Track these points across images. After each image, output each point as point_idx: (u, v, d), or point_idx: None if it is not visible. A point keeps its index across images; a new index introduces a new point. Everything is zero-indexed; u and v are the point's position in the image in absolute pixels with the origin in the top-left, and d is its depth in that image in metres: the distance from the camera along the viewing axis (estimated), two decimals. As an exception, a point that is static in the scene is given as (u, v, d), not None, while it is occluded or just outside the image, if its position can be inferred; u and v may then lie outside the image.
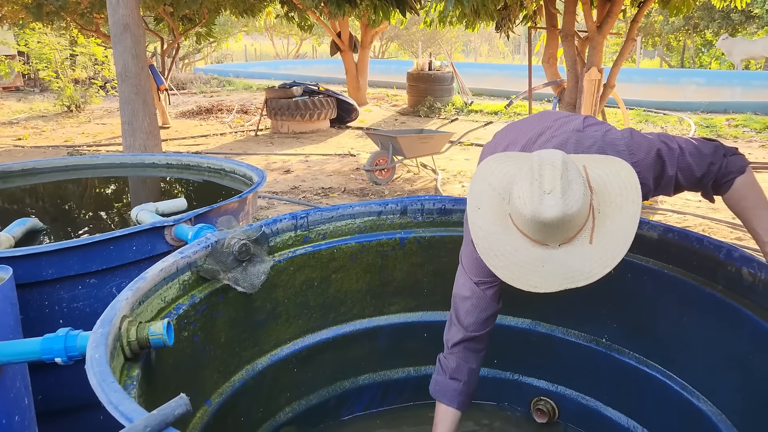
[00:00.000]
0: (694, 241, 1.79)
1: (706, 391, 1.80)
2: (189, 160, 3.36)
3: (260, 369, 1.92)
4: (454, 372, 1.72)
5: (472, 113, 11.14)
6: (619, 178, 1.39)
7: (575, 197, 1.29)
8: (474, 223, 1.42)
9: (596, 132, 1.60)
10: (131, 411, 1.02)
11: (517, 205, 1.33)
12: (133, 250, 2.04)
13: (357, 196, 5.92)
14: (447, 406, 1.72)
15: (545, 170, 1.31)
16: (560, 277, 1.34)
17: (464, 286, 1.72)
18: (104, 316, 1.33)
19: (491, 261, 1.39)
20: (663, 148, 1.56)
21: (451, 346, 1.74)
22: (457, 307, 1.74)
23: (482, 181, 1.46)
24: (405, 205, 2.12)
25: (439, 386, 1.75)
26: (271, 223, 1.92)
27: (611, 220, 1.34)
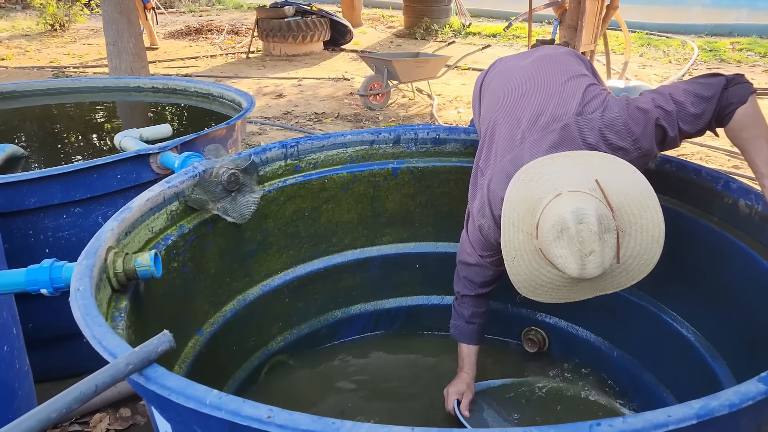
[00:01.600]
0: (692, 172, 1.75)
1: (695, 322, 1.81)
2: (176, 84, 3.26)
3: (251, 299, 1.91)
4: (469, 318, 1.87)
5: (469, 36, 10.80)
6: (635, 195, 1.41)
7: (610, 245, 1.36)
8: (513, 272, 1.48)
9: (595, 113, 1.56)
10: (115, 346, 1.00)
11: (559, 264, 1.38)
12: (118, 179, 2.00)
13: (351, 121, 5.81)
14: (468, 344, 1.89)
15: (583, 233, 1.33)
16: (591, 290, 1.47)
17: (470, 255, 1.79)
18: (89, 247, 1.29)
19: (532, 295, 1.50)
20: (661, 115, 1.53)
21: (462, 296, 1.87)
22: (462, 269, 1.83)
23: (509, 225, 1.47)
24: (398, 134, 2.06)
25: (459, 330, 1.90)
26: (261, 152, 1.86)
27: (636, 241, 1.40)
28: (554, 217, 1.36)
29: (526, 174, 1.48)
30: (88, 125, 3.10)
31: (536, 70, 1.76)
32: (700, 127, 1.56)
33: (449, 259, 2.19)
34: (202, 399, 0.87)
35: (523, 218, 1.44)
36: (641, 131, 1.53)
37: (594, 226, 1.33)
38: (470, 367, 1.89)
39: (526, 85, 1.71)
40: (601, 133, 1.54)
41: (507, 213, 1.47)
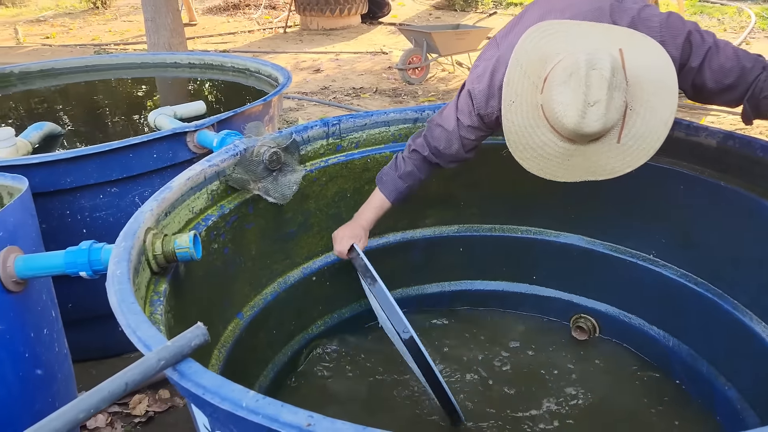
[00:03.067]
0: (758, 149, 1.61)
1: (758, 311, 1.69)
2: (212, 59, 3.21)
3: (292, 282, 1.86)
4: (404, 175, 1.76)
5: (511, 6, 10.49)
6: (656, 72, 1.31)
7: (617, 106, 1.27)
8: (507, 118, 1.39)
9: (634, 5, 1.48)
10: (149, 337, 0.95)
11: (557, 111, 1.29)
12: (154, 158, 1.96)
13: (389, 96, 5.70)
14: (385, 197, 1.79)
15: (593, 79, 1.25)
16: (582, 170, 1.38)
17: (446, 118, 1.68)
18: (127, 228, 1.24)
19: (519, 154, 1.41)
20: (695, 36, 1.44)
21: (412, 151, 1.75)
22: (431, 129, 1.71)
23: (516, 67, 1.38)
24: (443, 110, 1.96)
25: (387, 178, 1.78)
26: (302, 130, 1.79)
27: (642, 121, 1.31)
28: (567, 62, 1.28)
29: (547, 27, 1.39)
30: (125, 102, 3.08)
31: None
32: (723, 85, 1.45)
33: (494, 243, 2.12)
34: (238, 401, 0.81)
35: (533, 65, 1.36)
36: (672, 38, 1.43)
37: (606, 73, 1.24)
38: (372, 220, 1.80)
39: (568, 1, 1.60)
40: (633, 23, 1.45)
41: (518, 55, 1.38)
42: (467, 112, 1.63)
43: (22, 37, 8.72)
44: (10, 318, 1.37)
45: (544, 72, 1.34)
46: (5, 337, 1.37)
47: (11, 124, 2.62)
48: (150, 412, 1.99)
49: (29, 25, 10.18)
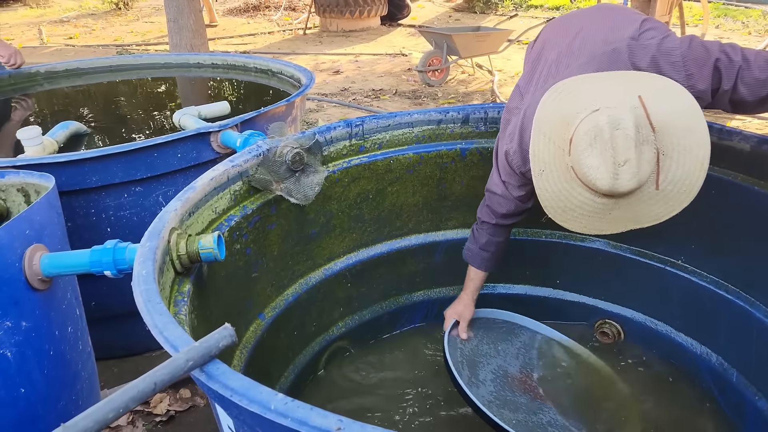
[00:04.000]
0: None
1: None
2: (235, 60, 3.22)
3: (314, 283, 1.85)
4: (484, 245, 1.84)
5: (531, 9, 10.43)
6: (682, 117, 1.28)
7: (648, 159, 1.25)
8: (540, 187, 1.39)
9: (652, 40, 1.44)
10: (176, 338, 0.94)
11: (589, 175, 1.27)
12: (178, 158, 1.96)
13: (409, 98, 5.69)
14: (477, 269, 1.89)
15: (618, 140, 1.23)
16: (626, 220, 1.35)
17: (496, 185, 1.74)
18: (152, 228, 1.24)
19: (560, 217, 1.39)
20: (722, 60, 1.40)
21: (482, 222, 1.83)
22: (488, 198, 1.79)
23: (540, 135, 1.36)
24: (467, 113, 1.95)
25: (471, 252, 1.89)
26: (325, 131, 1.78)
27: (677, 164, 1.28)
28: (589, 124, 1.26)
29: (564, 87, 1.37)
30: (149, 102, 3.10)
31: (592, 9, 1.67)
32: (761, 96, 1.40)
33: (518, 246, 2.09)
34: (267, 403, 0.80)
35: (555, 130, 1.34)
36: (698, 69, 1.40)
37: (630, 132, 1.22)
38: (473, 291, 1.91)
39: (581, 21, 1.62)
40: (654, 60, 1.42)
41: (539, 123, 1.36)
42: (509, 172, 1.67)
43: (46, 37, 8.84)
44: (35, 315, 1.38)
45: (567, 134, 1.32)
46: (31, 335, 1.37)
47: (38, 122, 2.64)
48: (171, 411, 1.99)
49: (53, 25, 10.32)
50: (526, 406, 1.76)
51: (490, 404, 1.70)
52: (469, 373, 1.81)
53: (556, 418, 1.75)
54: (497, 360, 1.91)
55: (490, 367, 1.87)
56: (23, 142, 2.04)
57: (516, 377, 1.87)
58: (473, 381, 1.78)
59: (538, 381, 1.89)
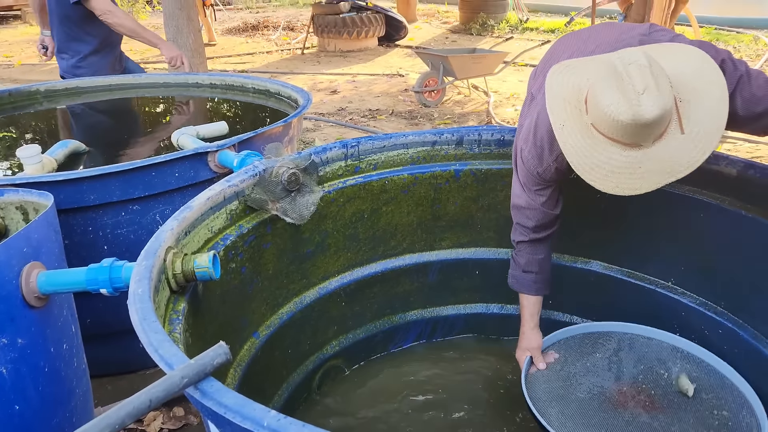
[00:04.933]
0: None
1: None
2: (233, 80, 3.25)
3: (308, 302, 1.87)
4: (525, 266, 1.80)
5: (527, 31, 10.56)
6: (691, 64, 1.33)
7: (666, 90, 1.25)
8: (564, 141, 1.37)
9: (663, 37, 1.50)
10: (171, 356, 0.96)
11: (610, 111, 1.26)
12: (176, 177, 1.98)
13: (405, 118, 5.74)
14: (527, 294, 1.83)
15: (632, 71, 1.25)
16: (659, 174, 1.31)
17: (518, 196, 1.74)
18: (148, 247, 1.26)
19: (588, 175, 1.36)
20: (727, 63, 1.43)
21: (518, 244, 1.81)
22: (515, 215, 1.78)
23: (556, 97, 1.39)
24: (461, 135, 1.98)
25: (515, 279, 1.85)
26: (321, 152, 1.81)
27: (697, 106, 1.30)
28: (601, 72, 1.29)
29: (572, 63, 1.43)
30: (148, 121, 3.13)
31: (600, 25, 1.74)
32: (754, 113, 1.44)
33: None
34: (260, 420, 0.82)
35: (570, 92, 1.37)
36: None
37: (644, 62, 1.25)
38: (529, 319, 1.82)
39: (591, 30, 1.69)
40: None
41: (551, 88, 1.39)
42: (529, 177, 1.66)
43: (46, 55, 8.90)
44: (31, 333, 1.39)
45: (582, 95, 1.35)
46: (26, 352, 1.38)
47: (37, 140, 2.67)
48: (164, 430, 1.99)
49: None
50: (633, 422, 1.62)
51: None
52: (560, 408, 1.67)
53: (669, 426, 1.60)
54: (589, 378, 1.77)
55: (583, 389, 1.73)
56: (22, 160, 2.06)
57: (614, 391, 1.73)
58: (564, 414, 1.65)
59: (638, 389, 1.74)
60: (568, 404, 1.68)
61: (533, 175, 1.65)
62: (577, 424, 1.61)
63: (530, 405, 1.62)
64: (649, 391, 1.72)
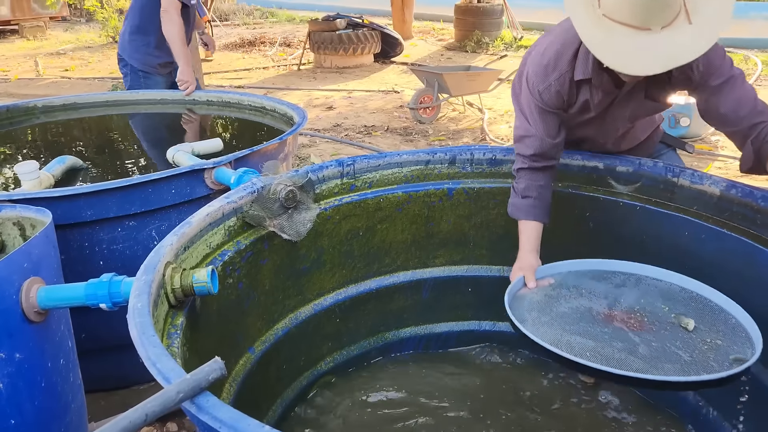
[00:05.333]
0: (759, 199, 1.66)
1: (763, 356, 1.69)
2: (230, 97, 3.29)
3: (303, 318, 1.89)
4: (524, 191, 1.83)
5: (521, 49, 10.67)
6: None
7: None
8: (577, 19, 1.49)
9: None
10: (169, 370, 0.99)
11: None
12: (172, 193, 2.01)
13: (400, 135, 5.79)
14: (525, 220, 1.83)
15: None
16: (664, 58, 1.41)
17: (519, 126, 1.82)
18: (148, 262, 1.29)
19: (601, 55, 1.46)
20: (727, 62, 1.61)
21: (517, 172, 1.86)
22: (517, 146, 1.85)
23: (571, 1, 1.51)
24: (454, 154, 2.02)
25: (514, 206, 1.86)
26: (317, 170, 1.85)
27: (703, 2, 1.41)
28: None
29: None
30: (144, 137, 3.16)
31: None
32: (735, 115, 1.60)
33: (503, 283, 2.13)
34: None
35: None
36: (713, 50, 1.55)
37: None
38: (527, 244, 1.79)
39: None
40: None
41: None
42: (531, 102, 1.76)
43: (42, 69, 8.95)
44: (29, 347, 1.41)
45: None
46: (24, 366, 1.40)
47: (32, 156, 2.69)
48: (158, 445, 2.00)
49: (49, 57, 10.45)
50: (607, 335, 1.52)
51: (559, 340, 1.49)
52: (539, 315, 1.59)
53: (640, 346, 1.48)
54: (579, 300, 1.67)
55: (569, 306, 1.64)
56: (20, 176, 2.08)
57: (603, 312, 1.62)
58: (541, 321, 1.57)
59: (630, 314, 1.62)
60: (547, 314, 1.61)
61: (535, 97, 1.74)
62: (553, 328, 1.54)
63: (507, 307, 1.60)
64: (642, 317, 1.60)
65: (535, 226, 1.82)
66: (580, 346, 1.47)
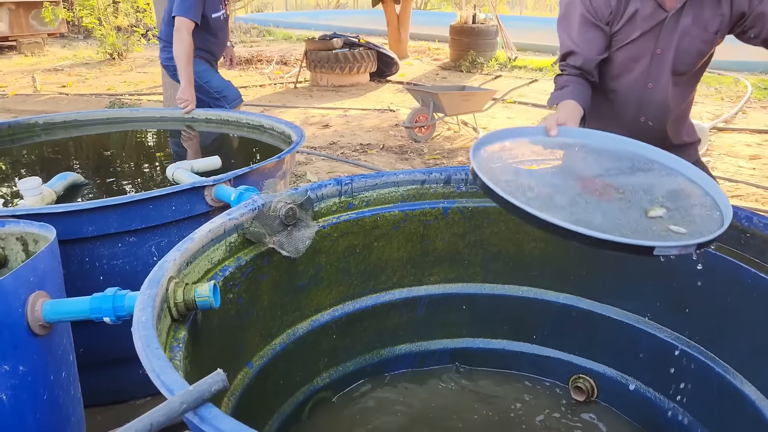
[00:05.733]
0: (743, 219, 1.71)
1: (748, 374, 1.74)
2: (228, 115, 3.35)
3: (301, 334, 1.92)
4: (563, 83, 1.96)
5: (515, 69, 10.82)
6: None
7: None
8: None
9: None
10: (172, 381, 1.02)
11: None
12: (173, 210, 2.05)
13: (396, 153, 5.86)
14: (563, 101, 1.91)
15: None
16: None
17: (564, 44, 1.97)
18: (152, 276, 1.32)
19: None
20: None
21: (558, 77, 2.01)
22: (560, 62, 2.00)
23: None
24: (449, 174, 2.07)
25: (552, 98, 1.98)
26: (316, 188, 1.89)
27: None
28: None
29: None
30: (144, 154, 3.20)
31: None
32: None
33: (496, 301, 2.18)
34: (257, 446, 0.87)
35: None
36: None
37: None
38: (561, 111, 1.84)
39: None
40: None
41: None
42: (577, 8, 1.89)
43: (40, 85, 9.00)
44: (33, 360, 1.44)
45: None
46: (27, 379, 1.43)
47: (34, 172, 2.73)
48: (155, 459, 2.01)
49: (47, 73, 10.51)
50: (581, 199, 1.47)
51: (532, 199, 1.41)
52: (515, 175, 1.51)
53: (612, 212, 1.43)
54: (571, 165, 1.62)
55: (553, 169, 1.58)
56: (23, 192, 2.12)
57: (586, 178, 1.56)
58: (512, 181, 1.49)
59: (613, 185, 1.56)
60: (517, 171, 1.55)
61: (585, 5, 1.86)
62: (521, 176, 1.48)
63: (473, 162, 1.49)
64: (617, 189, 1.52)
65: (575, 104, 1.88)
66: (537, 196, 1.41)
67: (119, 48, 11.73)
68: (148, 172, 2.81)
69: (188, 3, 3.36)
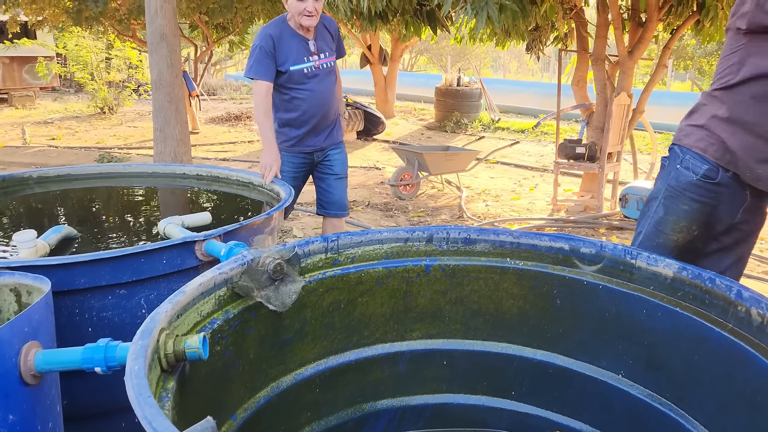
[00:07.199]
0: (707, 281, 1.81)
1: (715, 431, 1.80)
2: (219, 172, 3.45)
3: (284, 387, 1.96)
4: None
5: (498, 130, 11.15)
6: None
7: None
8: None
9: None
10: (164, 428, 1.07)
11: None
12: (164, 264, 2.11)
13: (381, 210, 5.97)
14: None
15: None
16: None
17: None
18: (144, 327, 1.38)
19: None
20: None
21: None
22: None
23: None
24: (431, 233, 2.16)
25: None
26: (304, 245, 1.97)
27: None
28: None
29: None
30: (136, 209, 3.27)
31: None
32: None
33: (476, 357, 2.24)
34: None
35: None
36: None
37: None
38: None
39: None
40: None
41: None
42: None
43: (29, 137, 9.11)
44: (23, 410, 1.47)
45: None
46: (16, 428, 1.45)
47: (22, 226, 2.78)
48: None
49: (37, 126, 10.64)
50: None
51: None
52: None
53: None
54: None
55: None
56: (18, 244, 2.18)
57: None
58: None
59: None
60: None
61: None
62: None
63: None
64: None
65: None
66: None
67: (110, 102, 11.94)
68: (139, 227, 2.88)
69: (250, 60, 3.22)
